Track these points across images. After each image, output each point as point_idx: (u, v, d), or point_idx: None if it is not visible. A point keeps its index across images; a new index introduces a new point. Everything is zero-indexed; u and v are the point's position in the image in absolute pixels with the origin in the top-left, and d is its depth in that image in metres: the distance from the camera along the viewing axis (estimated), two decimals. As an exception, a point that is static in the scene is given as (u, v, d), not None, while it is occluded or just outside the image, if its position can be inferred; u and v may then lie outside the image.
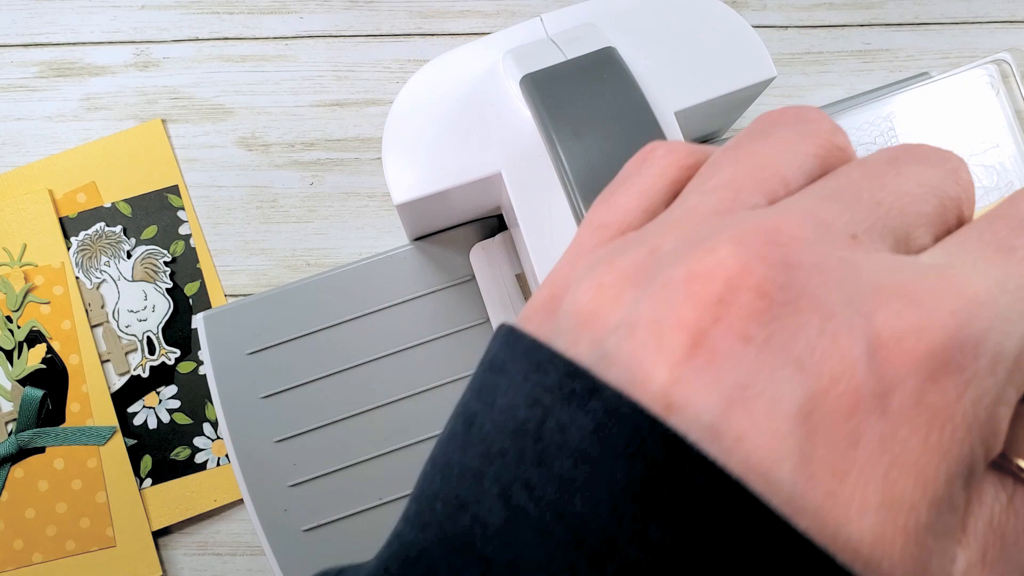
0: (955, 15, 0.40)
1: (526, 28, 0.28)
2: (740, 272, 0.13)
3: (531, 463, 0.13)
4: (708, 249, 0.13)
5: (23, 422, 0.36)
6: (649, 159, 0.17)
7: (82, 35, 0.40)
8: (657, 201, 0.16)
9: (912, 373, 0.12)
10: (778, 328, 0.12)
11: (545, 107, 0.24)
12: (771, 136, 0.16)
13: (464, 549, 0.13)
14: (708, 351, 0.12)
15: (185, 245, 0.38)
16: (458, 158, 0.27)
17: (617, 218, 0.16)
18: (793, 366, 0.12)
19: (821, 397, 0.12)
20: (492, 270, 0.35)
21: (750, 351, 0.12)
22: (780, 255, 0.13)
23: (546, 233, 0.26)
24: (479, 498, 0.13)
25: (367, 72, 0.40)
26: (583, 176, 0.23)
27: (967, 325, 0.12)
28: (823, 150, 0.15)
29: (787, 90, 0.39)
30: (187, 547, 0.36)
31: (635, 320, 0.13)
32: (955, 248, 0.14)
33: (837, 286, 0.13)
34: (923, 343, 0.12)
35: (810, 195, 0.14)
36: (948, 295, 0.12)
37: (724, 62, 0.27)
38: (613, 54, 0.25)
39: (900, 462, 0.12)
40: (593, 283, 0.14)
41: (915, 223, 0.14)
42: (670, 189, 0.17)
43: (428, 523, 0.14)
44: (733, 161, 0.15)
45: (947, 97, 0.35)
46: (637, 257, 0.14)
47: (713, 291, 0.13)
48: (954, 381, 0.12)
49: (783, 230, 0.13)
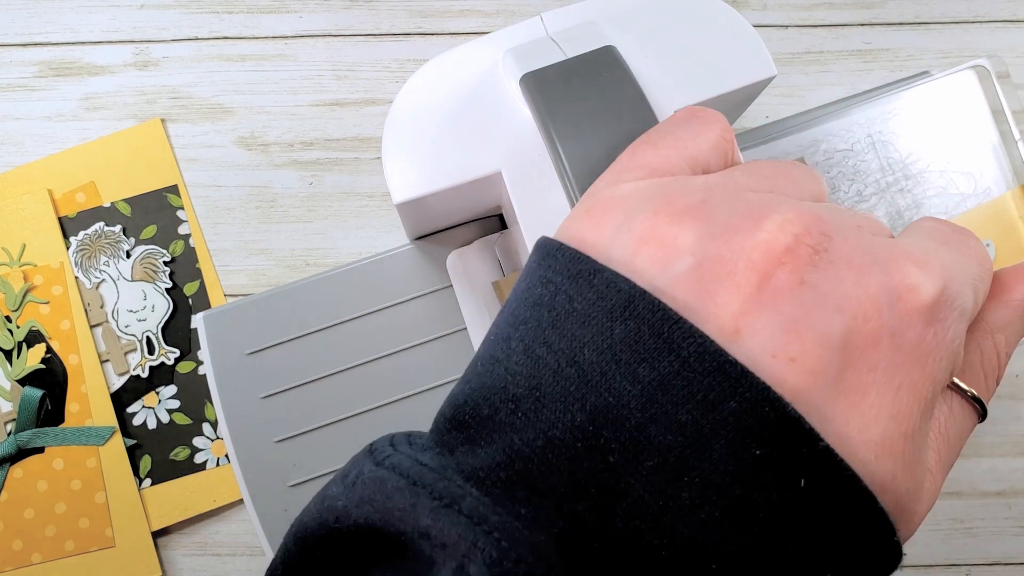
0: (956, 14, 0.40)
1: (526, 27, 0.28)
2: (802, 232, 0.16)
3: (548, 326, 0.17)
4: (777, 212, 0.17)
5: (22, 422, 0.36)
6: (700, 118, 0.20)
7: (81, 34, 0.40)
8: (700, 159, 0.19)
9: (918, 317, 0.16)
10: (824, 277, 0.16)
11: (545, 106, 0.24)
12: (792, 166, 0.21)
13: (499, 392, 0.17)
14: (773, 289, 0.16)
15: (184, 245, 0.38)
16: (458, 157, 0.27)
17: (661, 163, 0.19)
18: (835, 307, 0.16)
19: (855, 332, 0.16)
20: (468, 278, 0.35)
21: (806, 292, 0.16)
22: (825, 228, 0.17)
23: (545, 232, 0.26)
24: (509, 355, 0.17)
25: (367, 71, 0.40)
26: (583, 175, 0.22)
27: (949, 285, 0.17)
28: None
29: (787, 89, 0.39)
30: (186, 547, 0.36)
31: (705, 254, 0.16)
32: (915, 238, 0.18)
33: (863, 252, 0.17)
34: (926, 294, 0.16)
35: (828, 207, 0.18)
36: (936, 264, 0.17)
37: (724, 61, 0.27)
38: (613, 53, 0.25)
39: (906, 383, 0.16)
40: (651, 210, 0.17)
41: (885, 232, 0.19)
42: (712, 152, 0.20)
43: (470, 378, 0.18)
44: (772, 165, 0.20)
45: (925, 104, 0.35)
46: (692, 201, 0.17)
47: (783, 243, 0.16)
48: (943, 325, 0.16)
49: (822, 215, 0.17)
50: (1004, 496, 0.37)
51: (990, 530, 0.36)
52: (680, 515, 0.15)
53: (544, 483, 0.15)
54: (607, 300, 0.16)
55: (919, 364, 0.16)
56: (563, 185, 0.23)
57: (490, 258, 0.35)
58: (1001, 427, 0.37)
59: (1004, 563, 0.36)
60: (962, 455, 0.37)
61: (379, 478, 0.16)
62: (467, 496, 0.15)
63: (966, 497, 0.37)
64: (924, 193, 0.36)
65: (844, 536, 0.15)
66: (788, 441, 0.15)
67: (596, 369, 0.16)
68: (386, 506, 0.16)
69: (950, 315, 0.16)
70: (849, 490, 0.15)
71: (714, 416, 0.15)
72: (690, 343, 0.15)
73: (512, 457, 0.16)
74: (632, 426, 0.15)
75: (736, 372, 0.15)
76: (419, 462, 0.16)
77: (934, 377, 0.16)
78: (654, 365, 0.15)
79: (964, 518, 0.37)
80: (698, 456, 0.15)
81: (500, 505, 0.15)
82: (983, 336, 0.19)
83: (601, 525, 0.15)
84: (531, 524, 0.15)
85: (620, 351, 0.15)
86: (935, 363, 0.16)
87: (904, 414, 0.16)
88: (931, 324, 0.16)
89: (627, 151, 0.20)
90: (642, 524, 0.15)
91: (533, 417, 0.16)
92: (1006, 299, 0.19)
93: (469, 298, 0.35)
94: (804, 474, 0.15)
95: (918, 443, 0.16)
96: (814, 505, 0.15)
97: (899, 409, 0.16)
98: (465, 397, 0.17)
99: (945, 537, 0.36)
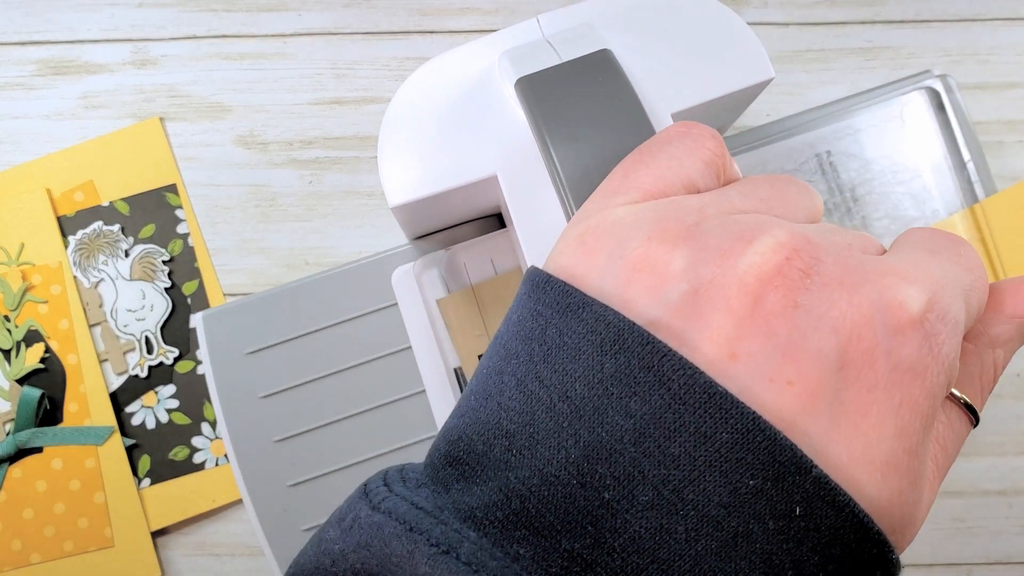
0: (957, 12, 0.40)
1: (523, 29, 0.28)
2: (792, 255, 0.16)
3: (539, 360, 0.17)
4: (767, 234, 0.16)
5: (21, 422, 0.36)
6: (693, 135, 0.20)
7: (79, 33, 0.40)
8: (694, 177, 0.19)
9: (912, 332, 0.16)
10: (818, 299, 0.16)
11: (539, 110, 0.24)
12: (795, 184, 0.20)
13: (493, 427, 0.17)
14: (767, 312, 0.16)
15: (183, 244, 0.38)
16: (454, 160, 0.26)
17: (655, 184, 0.19)
18: (830, 328, 0.16)
19: (850, 352, 0.16)
20: (412, 295, 0.34)
21: (800, 314, 0.16)
22: (815, 251, 0.17)
23: (542, 236, 0.26)
24: (502, 390, 0.17)
25: (366, 70, 0.40)
26: (576, 180, 0.22)
27: (939, 297, 0.16)
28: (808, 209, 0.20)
29: (788, 88, 0.39)
30: (185, 547, 0.36)
31: (697, 279, 0.16)
32: (904, 253, 0.18)
33: (852, 271, 0.16)
34: (915, 308, 0.16)
35: (819, 228, 0.18)
36: (924, 277, 0.17)
37: (722, 63, 0.27)
38: (608, 56, 0.24)
39: (907, 400, 0.16)
40: (643, 236, 0.17)
41: (876, 248, 0.19)
42: (705, 170, 0.19)
43: (464, 412, 0.18)
44: (769, 184, 0.20)
45: (874, 124, 0.36)
46: (684, 225, 0.17)
47: (773, 265, 0.16)
48: (937, 339, 0.16)
49: (811, 236, 0.17)
50: (1005, 495, 0.37)
51: (991, 529, 0.36)
52: (677, 549, 0.15)
53: (541, 521, 0.15)
54: (597, 334, 0.16)
55: (918, 380, 0.16)
56: (556, 191, 0.23)
57: (436, 277, 0.35)
58: (1002, 426, 0.37)
59: (1005, 562, 0.36)
60: (963, 454, 0.37)
61: (376, 523, 0.16)
62: (464, 541, 0.15)
63: (967, 496, 0.37)
64: (871, 215, 0.36)
65: (843, 560, 0.15)
66: (782, 470, 0.15)
67: (589, 404, 0.16)
68: (384, 552, 0.16)
69: (943, 328, 0.16)
70: (845, 516, 0.15)
71: (707, 448, 0.15)
72: (680, 375, 0.15)
73: (508, 496, 0.16)
74: (626, 461, 0.15)
75: (727, 403, 0.15)
76: (415, 505, 0.16)
77: (933, 392, 0.16)
78: (646, 399, 0.15)
79: (965, 517, 0.37)
80: (693, 489, 0.15)
81: (498, 547, 0.15)
82: (984, 349, 0.19)
83: (598, 562, 0.15)
84: (529, 565, 0.15)
85: (611, 385, 0.15)
86: (933, 377, 0.16)
87: (907, 431, 0.16)
88: (925, 338, 0.16)
89: (619, 169, 0.20)
90: (639, 560, 0.15)
91: (528, 454, 0.16)
92: (1009, 314, 0.19)
93: (413, 316, 0.35)
94: (799, 502, 0.15)
95: (921, 457, 0.16)
96: (811, 532, 0.15)
97: (902, 426, 0.16)
98: (459, 432, 0.17)
99: (946, 536, 0.36)
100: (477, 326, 0.34)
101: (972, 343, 0.19)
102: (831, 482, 0.15)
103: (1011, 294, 0.19)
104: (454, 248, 0.34)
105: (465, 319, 0.34)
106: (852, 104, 0.36)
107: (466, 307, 0.34)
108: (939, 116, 0.36)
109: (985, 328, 0.19)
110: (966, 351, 0.19)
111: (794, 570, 0.15)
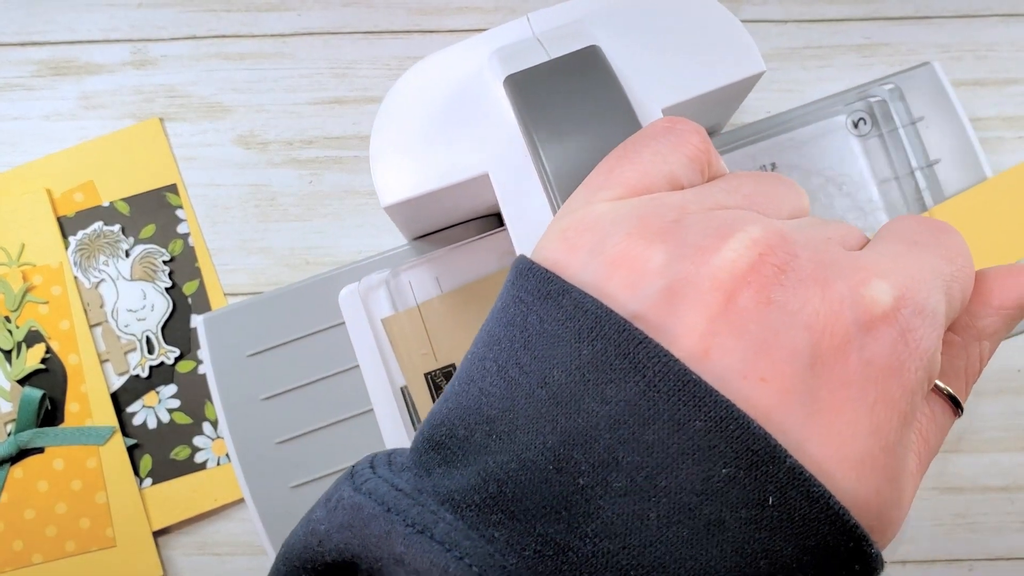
0: (956, 9, 0.40)
1: (513, 27, 0.28)
2: (766, 251, 0.16)
3: (520, 347, 0.17)
4: (742, 231, 0.17)
5: (22, 422, 0.36)
6: (677, 130, 0.20)
7: (79, 33, 0.40)
8: (678, 173, 0.19)
9: (885, 328, 0.16)
10: (792, 295, 0.16)
11: (527, 108, 0.24)
12: (775, 179, 0.20)
13: (475, 412, 0.17)
14: (739, 309, 0.16)
15: (183, 244, 0.38)
16: (446, 159, 0.26)
17: (639, 180, 0.19)
18: (803, 324, 0.16)
19: (823, 349, 0.15)
20: (358, 315, 0.34)
21: (773, 311, 0.16)
22: (790, 247, 0.16)
23: (533, 234, 0.26)
24: (484, 375, 0.17)
25: (365, 69, 0.40)
26: (563, 178, 0.22)
27: (913, 292, 0.16)
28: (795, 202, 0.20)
29: (787, 84, 0.39)
30: (187, 547, 0.36)
31: (673, 275, 0.16)
32: (884, 245, 0.18)
33: (828, 267, 0.16)
34: (886, 303, 0.16)
35: (799, 223, 0.19)
36: (898, 271, 0.17)
37: (712, 58, 0.27)
38: (597, 53, 0.24)
39: (881, 398, 0.16)
40: (623, 233, 0.17)
41: (858, 240, 0.19)
42: (689, 166, 0.19)
43: (448, 397, 0.18)
44: (754, 180, 0.20)
45: (821, 137, 0.36)
46: (664, 221, 0.17)
47: (747, 261, 0.16)
48: (914, 335, 0.16)
49: (786, 232, 0.17)
50: (1007, 491, 0.37)
51: (992, 525, 0.36)
52: (649, 536, 0.15)
53: (517, 505, 0.16)
54: (575, 321, 0.16)
55: (893, 376, 0.16)
56: (544, 188, 0.23)
57: (382, 295, 0.35)
58: (1003, 422, 0.37)
59: (1007, 558, 0.36)
60: (963, 450, 0.37)
61: (356, 504, 0.16)
62: (440, 522, 0.16)
63: (968, 492, 0.37)
64: None
65: (819, 552, 0.15)
66: (755, 459, 0.15)
67: (566, 391, 0.16)
68: (363, 532, 0.16)
69: (920, 323, 0.16)
70: (820, 507, 0.15)
71: (681, 435, 0.15)
72: (655, 363, 0.15)
73: (487, 479, 0.16)
74: (601, 448, 0.15)
75: (701, 391, 0.15)
76: (395, 487, 0.17)
77: (911, 387, 0.16)
78: (621, 386, 0.15)
79: (966, 513, 0.37)
80: (666, 476, 0.15)
81: (473, 529, 0.16)
82: (971, 342, 0.19)
83: (571, 546, 0.15)
84: (503, 547, 0.15)
85: (589, 372, 0.16)
86: (910, 374, 0.16)
87: (883, 429, 0.16)
88: (901, 334, 0.16)
89: (603, 165, 0.20)
90: (611, 545, 0.15)
91: (507, 439, 0.16)
92: (996, 306, 0.19)
93: (360, 335, 0.35)
94: (772, 491, 0.15)
95: (899, 454, 0.16)
96: (785, 522, 0.15)
97: (877, 424, 0.16)
98: (442, 417, 0.18)
99: (947, 532, 0.36)
100: (423, 345, 0.34)
101: (959, 335, 0.19)
102: (805, 472, 0.15)
103: (998, 284, 0.19)
104: (399, 268, 0.35)
105: (411, 338, 0.34)
106: (796, 115, 0.36)
107: (411, 326, 0.34)
108: (887, 125, 0.36)
109: (972, 320, 0.19)
110: (952, 343, 0.19)
111: (767, 559, 0.15)
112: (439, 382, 0.34)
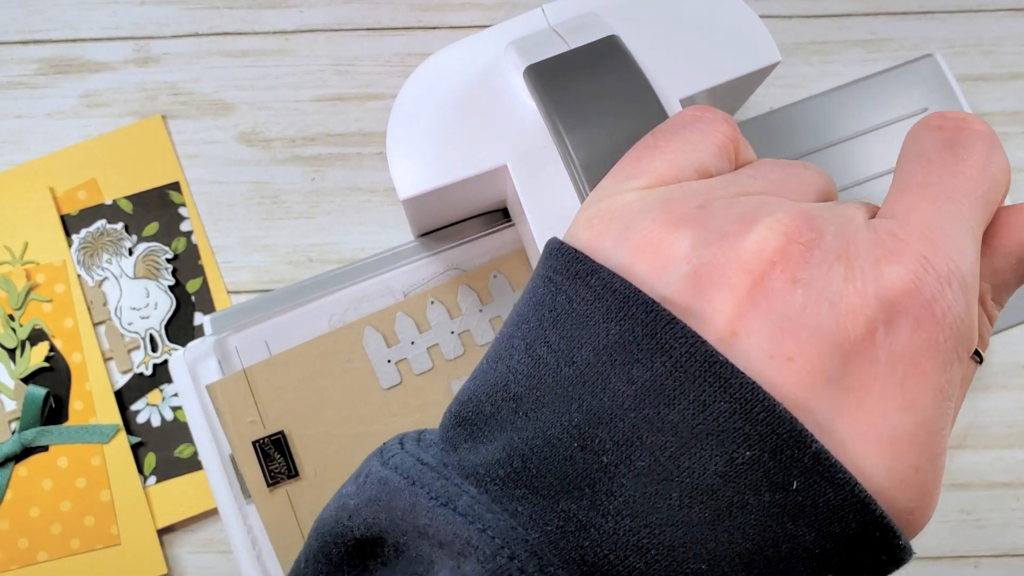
0: (961, 3, 0.39)
1: (528, 19, 0.28)
2: (792, 232, 0.16)
3: (548, 326, 0.17)
4: (768, 214, 0.17)
5: (26, 421, 0.36)
6: (706, 119, 0.20)
7: (81, 32, 0.40)
8: (706, 162, 0.19)
9: (908, 302, 0.15)
10: (817, 275, 0.16)
11: (550, 97, 0.24)
12: (795, 166, 0.20)
13: (502, 389, 0.17)
14: (766, 290, 0.16)
15: (187, 242, 0.38)
16: (463, 151, 0.26)
17: (667, 169, 0.19)
18: (828, 303, 0.15)
19: (849, 327, 0.15)
20: (185, 382, 0.34)
21: (799, 291, 0.16)
22: (815, 225, 0.16)
23: (553, 224, 0.26)
24: (511, 353, 0.17)
25: (368, 66, 0.40)
26: (591, 166, 0.22)
27: (936, 257, 0.16)
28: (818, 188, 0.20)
29: (792, 80, 0.39)
30: (191, 545, 0.36)
31: (699, 260, 0.16)
32: (900, 203, 0.17)
33: (852, 244, 0.16)
34: (909, 277, 0.16)
35: (825, 204, 0.18)
36: (917, 238, 0.16)
37: (728, 48, 0.27)
38: (616, 42, 0.24)
39: (912, 371, 0.15)
40: (649, 219, 0.17)
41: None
42: (718, 155, 0.19)
43: (476, 375, 0.18)
44: (780, 167, 0.20)
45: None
46: (690, 207, 0.17)
47: (773, 244, 0.16)
48: (940, 304, 0.16)
49: (812, 213, 0.17)
50: (1012, 487, 0.36)
51: (998, 522, 0.36)
52: (670, 515, 0.15)
53: (541, 481, 0.16)
54: (604, 301, 0.16)
55: (922, 349, 0.15)
56: (571, 176, 0.23)
57: (212, 362, 0.34)
58: (1009, 418, 0.37)
59: (1013, 555, 0.36)
60: (969, 446, 0.37)
61: (383, 478, 0.17)
62: (463, 495, 0.16)
63: (974, 488, 0.37)
64: None
65: (842, 539, 0.15)
66: (779, 442, 0.15)
67: (593, 369, 0.16)
68: (390, 505, 0.16)
69: (947, 290, 0.16)
70: (845, 494, 0.15)
71: (705, 416, 0.15)
72: (682, 343, 0.15)
73: (511, 455, 0.16)
74: (626, 426, 0.15)
75: (726, 372, 0.15)
76: (420, 461, 0.17)
77: (942, 359, 0.16)
78: (647, 366, 0.15)
79: (972, 509, 0.36)
80: (689, 456, 0.15)
81: (497, 503, 0.16)
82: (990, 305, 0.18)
83: (593, 523, 0.15)
84: (526, 521, 0.15)
85: (615, 352, 0.16)
86: (939, 345, 0.16)
87: (917, 403, 0.15)
88: (926, 306, 0.16)
89: (632, 154, 0.20)
90: (632, 523, 0.15)
91: (533, 416, 0.16)
92: (1013, 249, 0.18)
93: (189, 403, 0.34)
94: (796, 476, 0.14)
95: (936, 428, 0.16)
96: (808, 508, 0.15)
97: (910, 400, 0.15)
98: (470, 394, 0.18)
99: (953, 529, 0.36)
100: (250, 412, 0.33)
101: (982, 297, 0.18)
102: (831, 458, 0.15)
103: (1014, 222, 0.18)
104: (226, 332, 0.34)
105: (237, 405, 0.34)
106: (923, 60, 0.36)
107: (237, 392, 0.34)
108: None
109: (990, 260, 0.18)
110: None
111: (788, 544, 0.15)
112: (268, 450, 0.33)
